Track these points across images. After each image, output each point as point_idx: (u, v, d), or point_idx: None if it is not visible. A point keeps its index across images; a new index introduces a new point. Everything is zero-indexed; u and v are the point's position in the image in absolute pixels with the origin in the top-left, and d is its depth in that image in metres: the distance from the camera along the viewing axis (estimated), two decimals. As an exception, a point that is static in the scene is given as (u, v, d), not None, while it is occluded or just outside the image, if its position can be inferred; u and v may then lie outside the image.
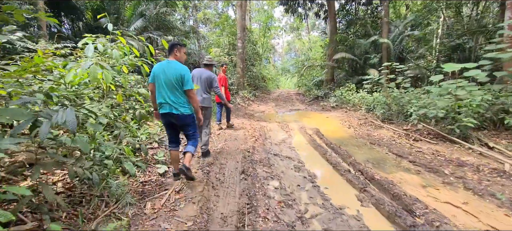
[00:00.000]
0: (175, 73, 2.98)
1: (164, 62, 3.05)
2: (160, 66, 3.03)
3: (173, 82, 2.97)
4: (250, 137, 5.95)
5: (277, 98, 16.57)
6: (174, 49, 3.13)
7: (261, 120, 8.81)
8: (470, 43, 10.91)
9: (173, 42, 3.21)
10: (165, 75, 2.98)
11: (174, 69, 2.99)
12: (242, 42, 13.01)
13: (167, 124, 3.18)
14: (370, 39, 12.26)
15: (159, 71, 3.00)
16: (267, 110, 12.05)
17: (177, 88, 3.01)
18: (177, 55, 3.13)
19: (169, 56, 3.14)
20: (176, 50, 3.13)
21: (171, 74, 2.97)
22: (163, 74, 2.99)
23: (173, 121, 3.10)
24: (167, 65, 3.02)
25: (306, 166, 4.08)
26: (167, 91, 2.99)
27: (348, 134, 6.49)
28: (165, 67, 3.00)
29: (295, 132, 6.73)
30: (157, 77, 3.02)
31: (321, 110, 11.45)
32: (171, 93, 3.00)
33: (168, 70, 2.98)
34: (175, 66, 3.02)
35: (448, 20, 13.66)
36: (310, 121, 8.66)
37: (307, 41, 32.17)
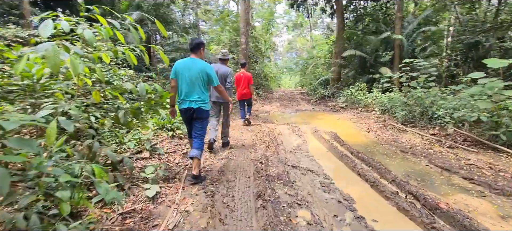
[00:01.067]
0: (201, 71, 3.08)
1: (188, 60, 3.13)
2: (184, 63, 3.11)
3: (198, 79, 3.07)
4: (260, 142, 5.05)
5: (280, 97, 15.67)
6: (200, 48, 3.21)
7: (268, 122, 7.91)
8: (490, 40, 10.05)
9: (198, 40, 3.22)
10: (190, 72, 3.05)
11: (200, 67, 3.09)
12: (246, 37, 12.10)
13: (186, 119, 3.26)
14: (382, 35, 11.35)
15: (183, 68, 3.07)
16: (272, 110, 11.16)
17: (201, 84, 3.11)
18: (201, 53, 3.22)
19: (193, 54, 3.18)
20: (202, 48, 3.22)
21: (196, 72, 3.06)
22: (187, 71, 3.05)
23: (193, 114, 3.15)
24: (192, 62, 3.10)
25: (336, 183, 3.19)
26: (191, 88, 3.06)
27: (370, 140, 5.60)
28: (190, 64, 3.08)
29: (309, 137, 5.84)
30: (181, 73, 3.07)
31: (330, 111, 10.57)
32: (195, 90, 3.08)
33: (193, 67, 3.07)
34: (201, 64, 3.12)
35: (461, 17, 12.78)
36: (321, 123, 7.77)
37: (309, 39, 31.29)
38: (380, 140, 5.49)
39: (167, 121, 5.04)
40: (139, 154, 3.66)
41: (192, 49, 3.20)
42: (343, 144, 5.01)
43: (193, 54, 3.19)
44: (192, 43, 3.22)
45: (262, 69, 17.27)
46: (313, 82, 16.57)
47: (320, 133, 6.08)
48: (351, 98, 10.78)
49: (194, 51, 3.19)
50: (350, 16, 14.96)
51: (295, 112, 10.69)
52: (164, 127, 4.99)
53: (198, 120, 3.20)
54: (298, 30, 35.76)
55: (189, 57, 3.17)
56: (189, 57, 3.17)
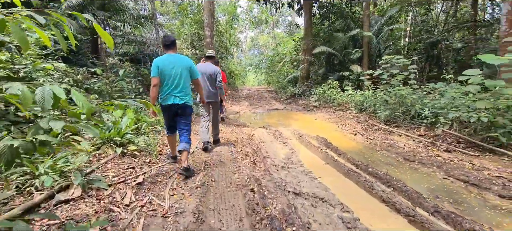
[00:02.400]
0: (184, 65, 3.10)
1: (168, 56, 3.08)
2: (166, 59, 3.05)
3: (183, 74, 3.08)
4: (241, 155, 3.96)
5: (248, 96, 14.66)
6: (176, 44, 3.21)
7: (242, 125, 6.83)
8: (449, 39, 10.34)
9: (172, 37, 3.23)
10: (174, 67, 3.04)
11: (183, 61, 3.12)
12: (211, 30, 10.79)
13: (170, 115, 3.20)
14: (351, 33, 11.03)
15: (166, 64, 3.02)
16: (242, 110, 10.09)
17: (186, 79, 3.11)
18: (175, 49, 3.19)
19: (170, 50, 3.13)
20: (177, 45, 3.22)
21: (180, 66, 3.07)
22: (171, 66, 3.03)
23: (179, 111, 3.14)
24: (174, 58, 3.08)
25: (361, 219, 2.27)
26: (177, 83, 3.05)
27: (364, 145, 4.89)
28: (172, 60, 3.06)
29: (296, 144, 4.92)
30: (164, 70, 3.01)
31: (304, 110, 9.87)
32: (181, 84, 3.07)
33: (177, 62, 3.06)
34: (182, 58, 3.15)
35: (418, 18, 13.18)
36: (300, 125, 6.95)
37: (272, 37, 30.86)
38: (374, 145, 4.81)
39: (115, 133, 3.65)
40: (64, 192, 2.30)
41: (169, 46, 3.14)
42: (340, 153, 4.18)
43: (170, 51, 3.14)
44: (168, 40, 3.16)
45: (227, 66, 16.04)
46: (281, 80, 15.89)
47: (306, 138, 5.20)
48: (324, 96, 10.23)
49: (170, 48, 3.14)
50: (317, 13, 14.53)
51: (268, 112, 9.78)
52: (110, 141, 3.60)
53: (183, 116, 3.22)
54: (260, 27, 35.09)
55: (167, 54, 3.11)
56: (167, 54, 3.11)
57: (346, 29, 12.61)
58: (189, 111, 3.25)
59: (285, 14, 37.13)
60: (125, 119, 3.98)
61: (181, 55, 3.18)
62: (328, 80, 11.23)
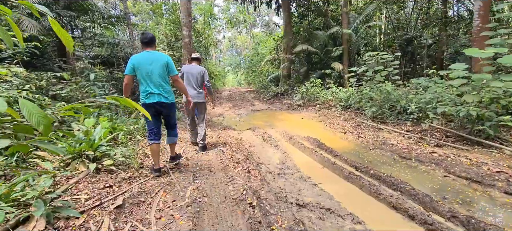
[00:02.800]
0: (161, 62, 2.97)
1: (146, 53, 2.95)
2: (142, 57, 2.92)
3: (161, 71, 2.96)
4: (233, 163, 3.62)
5: (230, 97, 14.26)
6: (154, 42, 3.04)
7: (228, 128, 6.47)
8: (424, 35, 10.68)
9: (151, 34, 3.04)
10: (151, 65, 2.92)
11: (160, 58, 2.98)
12: (189, 30, 10.27)
13: (154, 114, 3.03)
14: (331, 30, 11.04)
15: (143, 62, 2.90)
16: (225, 112, 9.70)
17: (165, 76, 3.01)
18: (154, 47, 3.06)
19: (148, 48, 3.00)
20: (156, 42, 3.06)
21: (158, 63, 2.95)
22: (148, 64, 2.91)
23: (162, 109, 3.05)
24: (151, 55, 2.95)
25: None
26: (156, 81, 2.94)
27: (356, 144, 4.76)
28: (150, 58, 2.93)
29: (287, 146, 4.67)
30: (142, 68, 2.89)
31: (288, 110, 9.70)
32: (160, 82, 2.97)
33: (154, 60, 2.94)
34: (160, 55, 3.00)
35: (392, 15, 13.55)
36: (287, 125, 6.74)
37: (250, 37, 30.64)
38: (367, 144, 4.69)
39: (87, 146, 3.16)
40: (23, 227, 1.84)
41: (148, 43, 3.01)
42: (335, 154, 3.99)
43: (148, 48, 3.02)
44: (146, 37, 3.02)
45: (207, 67, 15.52)
46: (262, 80, 15.66)
47: (297, 139, 4.97)
48: (307, 95, 10.12)
49: (149, 45, 3.02)
50: (295, 11, 14.46)
51: (252, 113, 9.48)
52: (81, 156, 3.11)
53: (169, 115, 3.19)
54: (238, 27, 34.69)
55: (144, 51, 2.99)
56: (144, 51, 2.99)
57: (325, 27, 12.65)
58: (174, 109, 3.26)
59: (262, 14, 37.06)
60: (99, 129, 3.48)
61: (159, 52, 3.07)
62: (310, 79, 11.16)
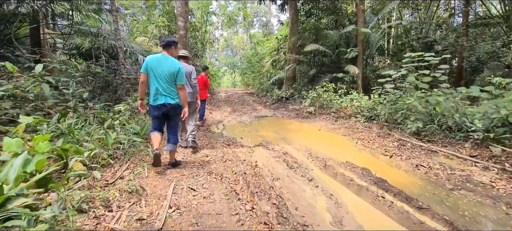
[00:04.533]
0: (173, 68, 3.04)
1: (160, 56, 3.06)
2: (156, 58, 3.04)
3: (170, 75, 3.04)
4: (256, 222, 2.08)
5: (228, 99, 12.68)
6: (172, 46, 3.15)
7: (233, 144, 4.91)
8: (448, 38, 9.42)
9: (171, 39, 3.19)
10: (161, 68, 3.01)
11: (172, 64, 3.06)
12: (185, 21, 8.66)
13: (160, 115, 3.12)
14: (345, 29, 9.65)
15: (155, 63, 3.01)
16: (225, 118, 8.14)
17: (172, 81, 3.07)
18: (173, 52, 3.17)
19: (165, 51, 3.12)
20: (173, 47, 3.18)
21: (168, 68, 3.03)
22: (159, 67, 3.01)
23: (169, 111, 3.11)
24: (164, 59, 3.05)
25: None
26: (164, 83, 3.02)
27: (418, 176, 3.29)
28: (162, 61, 3.03)
29: (327, 180, 3.15)
30: (153, 69, 3.01)
31: (297, 117, 8.22)
32: (168, 85, 3.05)
33: (165, 63, 3.03)
34: (173, 61, 3.09)
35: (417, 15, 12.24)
36: (305, 139, 5.26)
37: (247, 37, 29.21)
38: (438, 178, 3.23)
39: None
40: None
41: (165, 46, 3.13)
42: (412, 202, 2.50)
43: (165, 51, 3.12)
44: (165, 40, 3.16)
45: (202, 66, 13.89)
46: (263, 82, 14.14)
47: (335, 167, 3.48)
48: (319, 101, 8.67)
49: (166, 49, 3.12)
50: (301, 9, 13.03)
51: (256, 120, 7.95)
52: None
53: (174, 116, 3.21)
54: (234, 27, 33.13)
55: (161, 53, 3.09)
56: (161, 53, 3.09)
57: (335, 26, 11.26)
58: (179, 111, 3.23)
59: (260, 14, 35.65)
60: (18, 162, 1.88)
61: (173, 58, 3.13)
62: (320, 82, 9.74)
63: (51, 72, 7.54)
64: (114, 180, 2.69)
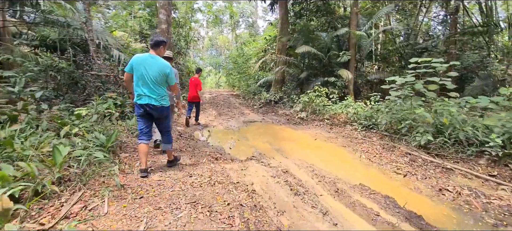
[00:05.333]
0: (160, 69, 2.93)
1: (147, 56, 2.92)
2: (142, 58, 2.90)
3: (156, 77, 2.92)
4: None
5: (213, 101, 11.80)
6: (161, 46, 3.02)
7: (221, 156, 4.13)
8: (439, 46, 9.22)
9: (159, 38, 3.01)
10: (147, 68, 2.88)
11: (159, 65, 2.93)
12: (167, 14, 7.74)
13: (143, 114, 2.99)
14: (338, 31, 9.17)
15: (140, 63, 2.88)
16: (210, 123, 7.31)
17: (160, 82, 2.95)
18: (161, 51, 3.04)
19: (152, 51, 2.98)
20: (162, 47, 3.04)
21: (155, 69, 2.91)
22: (145, 67, 2.88)
23: (153, 112, 2.98)
24: (151, 59, 2.92)
25: None
26: (149, 84, 2.90)
27: (446, 205, 2.71)
28: (149, 61, 2.90)
29: (344, 213, 2.47)
30: (137, 68, 2.88)
31: (288, 123, 7.57)
32: (153, 86, 2.92)
33: (152, 64, 2.90)
34: (160, 62, 2.95)
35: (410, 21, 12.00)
36: (303, 151, 4.61)
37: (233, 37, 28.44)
38: (477, 211, 2.66)
39: None
40: None
41: (153, 46, 2.98)
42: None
43: (152, 51, 2.98)
44: (152, 40, 3.01)
45: (185, 65, 12.88)
46: (250, 83, 13.41)
47: (349, 194, 2.83)
48: (312, 106, 8.08)
49: (154, 48, 2.98)
50: (291, 9, 12.45)
51: (244, 125, 7.19)
52: None
53: (161, 119, 3.12)
54: (219, 26, 32.15)
55: (148, 53, 2.95)
56: (148, 53, 2.95)
57: (328, 28, 10.78)
58: (166, 112, 3.12)
59: (246, 15, 34.90)
60: None
61: (161, 58, 2.98)
62: (311, 86, 9.18)
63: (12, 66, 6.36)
64: (53, 224, 1.83)
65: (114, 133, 3.50)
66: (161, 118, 3.10)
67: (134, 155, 3.66)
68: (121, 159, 3.38)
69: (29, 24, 8.09)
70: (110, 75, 6.69)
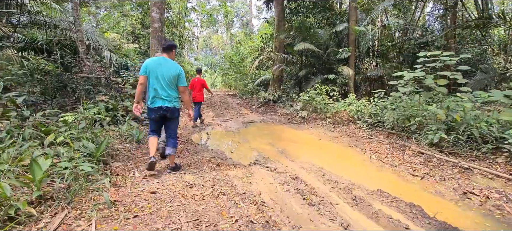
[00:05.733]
0: (173, 71, 2.99)
1: (161, 58, 3.00)
2: (156, 61, 2.96)
3: (170, 78, 2.97)
4: None
5: (210, 102, 11.44)
6: (173, 50, 3.14)
7: (222, 161, 3.81)
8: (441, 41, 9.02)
9: (171, 42, 3.16)
10: (162, 70, 2.94)
11: (172, 67, 3.00)
12: (160, 12, 7.36)
13: (157, 118, 3.03)
14: (337, 27, 8.90)
15: (154, 66, 2.94)
16: (209, 124, 6.96)
17: (173, 84, 3.01)
18: (172, 55, 3.14)
19: (165, 54, 3.09)
20: (174, 50, 3.17)
21: (169, 71, 2.96)
22: (159, 69, 2.94)
23: (166, 114, 3.01)
24: (164, 62, 2.99)
25: None
26: (163, 86, 2.95)
27: (483, 213, 2.44)
28: (162, 63, 2.97)
29: (368, 226, 2.19)
30: (152, 71, 2.93)
31: (289, 123, 7.29)
32: (167, 88, 2.97)
33: (165, 66, 2.97)
34: (173, 64, 3.03)
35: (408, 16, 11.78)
36: (308, 153, 4.32)
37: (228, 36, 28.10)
38: (505, 216, 2.40)
39: None
40: None
41: (165, 49, 3.10)
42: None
43: (165, 54, 3.08)
44: (165, 44, 3.13)
45: (181, 65, 12.50)
46: (247, 83, 13.08)
47: (372, 204, 2.53)
48: (312, 104, 7.80)
49: (166, 51, 3.09)
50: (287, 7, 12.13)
51: (244, 126, 6.88)
52: None
53: (172, 120, 3.12)
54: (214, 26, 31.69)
55: (161, 56, 3.05)
56: (161, 56, 3.05)
57: (325, 25, 10.51)
58: (177, 114, 3.15)
59: (240, 14, 34.50)
60: None
61: (173, 61, 3.07)
62: (310, 84, 8.91)
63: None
64: None
65: (104, 141, 3.15)
66: (173, 118, 3.12)
67: (128, 164, 3.32)
68: (113, 170, 3.03)
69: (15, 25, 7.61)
70: (101, 77, 6.30)
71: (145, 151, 3.92)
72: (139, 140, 4.29)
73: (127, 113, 5.50)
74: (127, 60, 8.31)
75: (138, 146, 4.16)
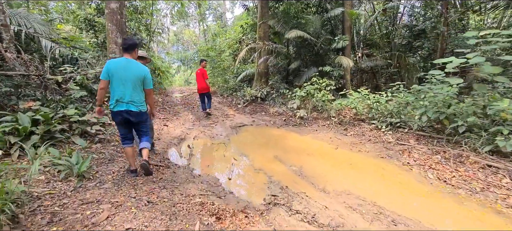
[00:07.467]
0: (138, 73, 2.68)
1: (122, 60, 2.65)
2: (118, 63, 2.61)
3: (135, 81, 2.66)
4: None
5: (186, 102, 9.66)
6: (134, 49, 2.75)
7: (219, 208, 2.32)
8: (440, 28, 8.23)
9: (131, 41, 2.73)
10: (125, 73, 2.62)
11: (137, 69, 2.68)
12: (118, -10, 5.48)
13: (122, 121, 2.72)
14: (332, 12, 7.68)
15: (117, 68, 2.60)
16: (188, 132, 5.32)
17: (138, 86, 2.71)
18: (134, 54, 2.77)
19: (126, 54, 2.70)
20: (136, 49, 2.79)
21: (133, 73, 2.65)
22: (123, 71, 2.61)
23: (131, 118, 2.70)
24: (127, 63, 2.64)
25: None
26: (128, 89, 2.63)
27: None
28: (125, 65, 2.63)
29: None
30: (115, 74, 2.59)
31: (287, 125, 5.96)
32: (132, 91, 2.66)
33: (129, 68, 2.64)
34: (137, 65, 2.71)
35: None
36: (334, 173, 3.00)
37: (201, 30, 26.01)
38: None
39: None
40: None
41: (126, 49, 2.70)
42: None
43: (126, 54, 2.70)
44: (125, 43, 2.70)
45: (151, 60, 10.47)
46: (227, 78, 11.48)
47: None
48: (311, 102, 6.52)
49: (128, 51, 2.70)
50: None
51: (234, 132, 5.39)
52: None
53: (140, 123, 2.82)
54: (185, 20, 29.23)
55: (123, 57, 2.68)
56: (123, 57, 2.68)
57: (315, 13, 9.26)
58: (145, 117, 2.84)
59: (212, 7, 32.30)
60: None
61: (137, 62, 2.73)
62: (302, 78, 7.66)
63: None
64: None
65: None
66: (140, 122, 2.82)
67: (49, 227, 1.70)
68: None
69: None
70: (31, 74, 4.35)
71: (92, 199, 2.28)
72: (81, 173, 2.61)
73: (70, 127, 3.72)
74: (74, 52, 6.29)
75: (80, 186, 2.48)
